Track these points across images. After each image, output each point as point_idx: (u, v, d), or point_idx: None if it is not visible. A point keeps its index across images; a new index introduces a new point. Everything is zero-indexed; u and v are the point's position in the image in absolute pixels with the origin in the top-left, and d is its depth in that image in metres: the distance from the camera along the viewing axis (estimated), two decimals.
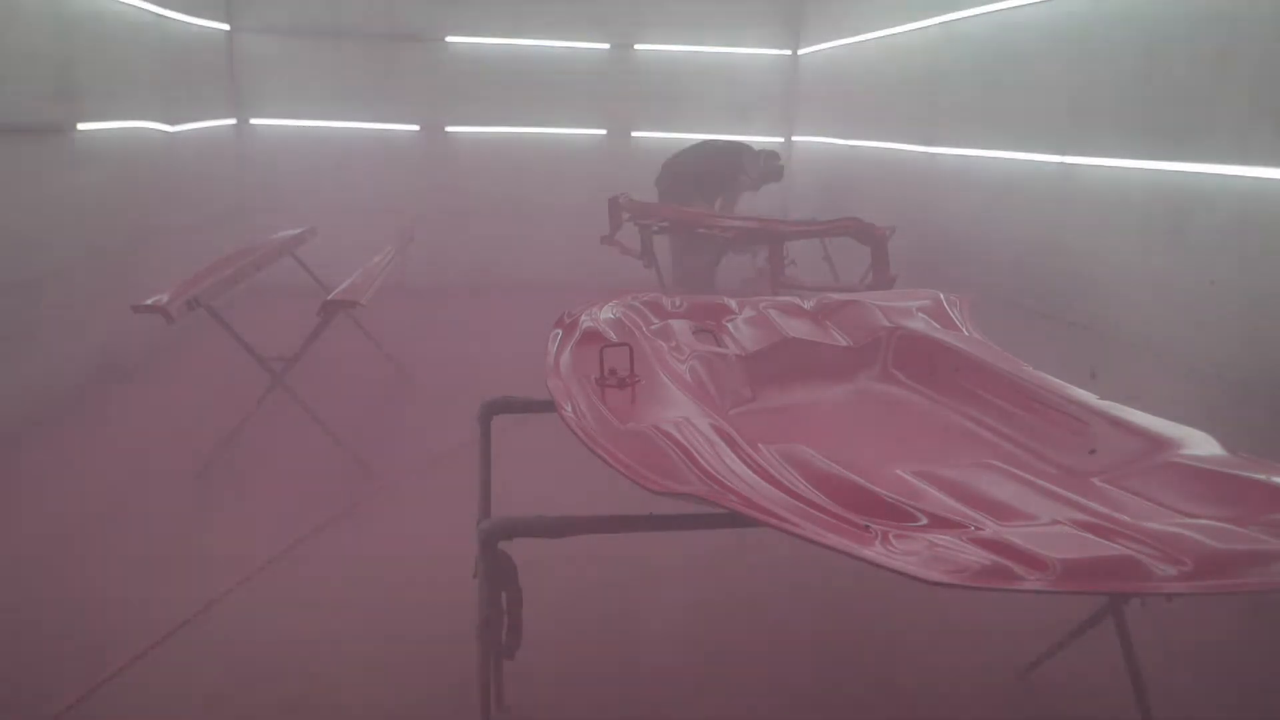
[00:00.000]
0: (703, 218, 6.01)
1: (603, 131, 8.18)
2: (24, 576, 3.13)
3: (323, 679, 2.61)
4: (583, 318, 2.72)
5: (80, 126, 4.96)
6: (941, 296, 3.08)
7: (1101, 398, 2.16)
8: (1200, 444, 1.87)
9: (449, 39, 7.75)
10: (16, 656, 2.69)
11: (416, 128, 7.92)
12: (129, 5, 5.63)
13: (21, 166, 4.44)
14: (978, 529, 1.50)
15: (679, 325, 2.82)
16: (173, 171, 6.28)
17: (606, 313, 2.83)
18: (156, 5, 6.00)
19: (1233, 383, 3.29)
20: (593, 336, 2.50)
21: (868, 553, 1.39)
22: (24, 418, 4.40)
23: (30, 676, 2.59)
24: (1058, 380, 2.31)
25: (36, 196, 4.55)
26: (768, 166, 6.72)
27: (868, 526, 1.50)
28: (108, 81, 5.33)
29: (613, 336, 2.51)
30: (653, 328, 2.78)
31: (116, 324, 5.34)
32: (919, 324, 2.81)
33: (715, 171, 6.64)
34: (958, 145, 5.33)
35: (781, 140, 8.45)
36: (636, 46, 8.05)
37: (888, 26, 6.23)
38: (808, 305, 3.12)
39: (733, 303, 3.14)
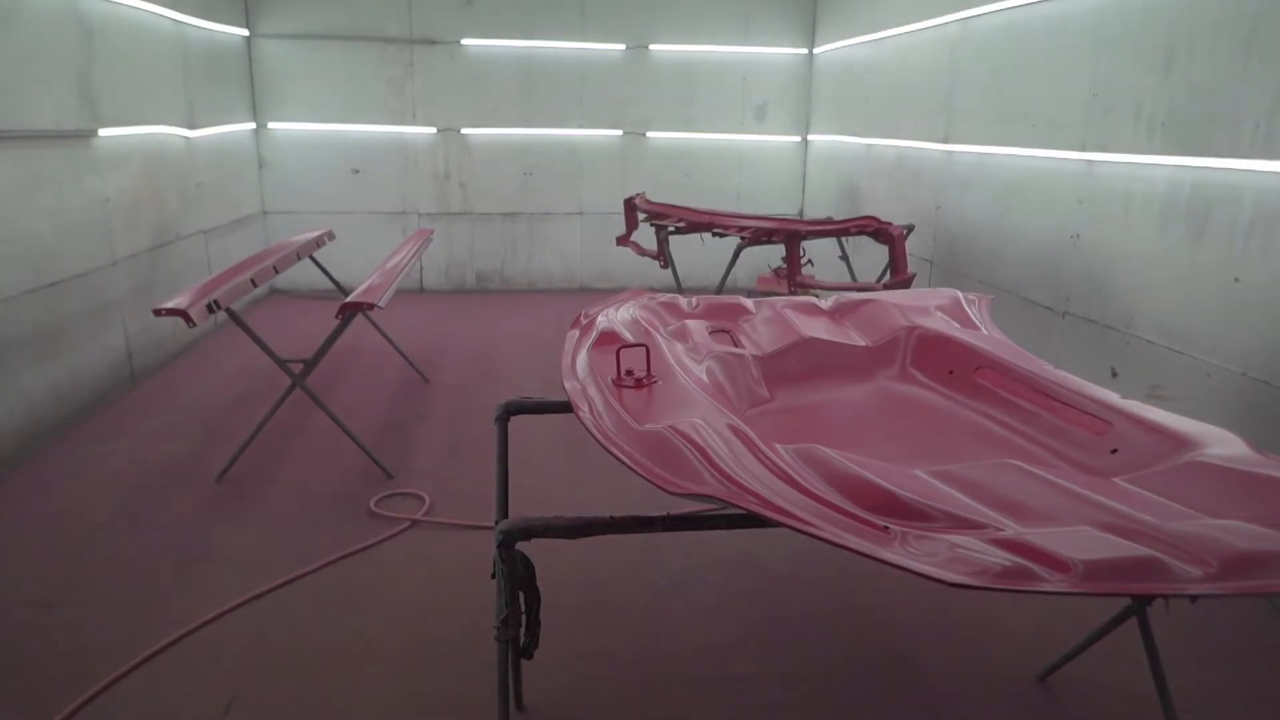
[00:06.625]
0: (718, 218, 6.00)
1: (618, 132, 8.19)
2: (45, 576, 3.17)
3: (342, 679, 2.63)
4: (599, 318, 2.72)
5: (102, 133, 5.02)
6: (960, 295, 3.06)
7: (1124, 396, 2.13)
8: (1225, 443, 1.84)
9: (464, 42, 7.78)
10: (35, 656, 2.71)
11: (433, 130, 7.96)
12: (149, 12, 5.68)
13: (45, 173, 4.50)
14: (998, 530, 1.48)
15: (696, 325, 2.81)
16: (193, 176, 6.35)
17: (623, 313, 2.83)
18: (176, 12, 6.07)
19: (1258, 381, 3.25)
20: (610, 337, 2.50)
21: (887, 554, 1.38)
22: (47, 419, 4.46)
23: (50, 677, 2.62)
24: (1079, 379, 2.28)
25: (59, 202, 4.61)
26: None
27: (887, 527, 1.49)
28: (128, 88, 5.39)
29: (629, 337, 2.51)
30: (669, 328, 2.78)
31: (138, 326, 5.41)
32: (937, 323, 2.79)
33: None
34: (976, 142, 5.29)
35: (798, 139, 8.43)
36: (651, 47, 8.05)
37: (904, 24, 6.19)
38: (825, 305, 3.11)
39: (749, 303, 3.13)
